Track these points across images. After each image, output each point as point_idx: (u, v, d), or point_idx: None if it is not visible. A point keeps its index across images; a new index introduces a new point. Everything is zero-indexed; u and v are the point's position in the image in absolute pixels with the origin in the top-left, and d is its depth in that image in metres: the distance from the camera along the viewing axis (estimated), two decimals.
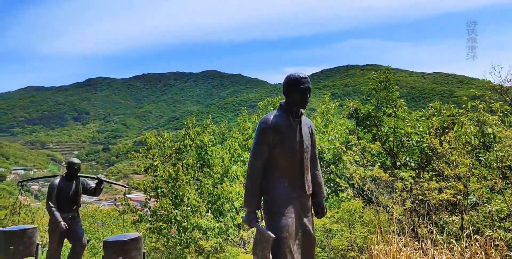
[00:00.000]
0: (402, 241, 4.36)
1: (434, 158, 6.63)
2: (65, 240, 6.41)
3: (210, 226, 7.70)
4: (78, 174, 6.50)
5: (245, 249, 8.06)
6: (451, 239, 4.26)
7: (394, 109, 7.49)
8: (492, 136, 6.27)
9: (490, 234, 4.20)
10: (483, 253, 3.78)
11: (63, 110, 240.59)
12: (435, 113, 7.70)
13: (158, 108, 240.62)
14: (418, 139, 7.23)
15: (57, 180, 6.29)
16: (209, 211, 8.69)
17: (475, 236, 4.08)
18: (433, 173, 6.21)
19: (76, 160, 6.60)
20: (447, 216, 5.59)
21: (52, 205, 6.05)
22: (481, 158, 6.40)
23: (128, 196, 7.51)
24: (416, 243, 4.25)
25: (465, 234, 4.30)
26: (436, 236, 4.32)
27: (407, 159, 7.40)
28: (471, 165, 5.48)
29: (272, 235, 3.28)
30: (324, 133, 10.78)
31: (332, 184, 7.34)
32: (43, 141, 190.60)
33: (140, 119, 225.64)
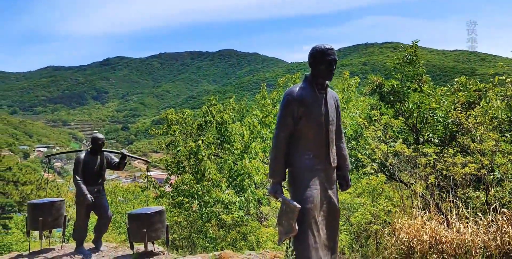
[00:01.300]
0: (426, 215, 4.34)
1: (458, 133, 6.52)
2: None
3: (231, 200, 7.81)
4: (102, 149, 6.61)
5: (264, 224, 8.18)
6: (478, 213, 4.22)
7: (420, 84, 7.32)
8: None
9: None
10: (510, 226, 3.73)
11: (83, 89, 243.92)
12: (460, 88, 7.52)
13: (175, 87, 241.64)
14: (443, 115, 7.10)
15: (82, 155, 6.41)
16: (230, 186, 8.80)
17: (502, 209, 4.03)
18: (457, 149, 6.11)
19: (100, 135, 6.69)
20: (471, 191, 5.53)
21: (78, 178, 6.19)
22: (506, 135, 6.26)
23: (148, 174, 7.62)
24: (441, 216, 4.23)
25: (491, 208, 4.26)
26: (461, 210, 4.29)
27: (430, 135, 7.29)
28: (497, 140, 5.37)
29: (298, 205, 3.30)
30: (345, 110, 10.67)
31: (353, 160, 7.31)
32: (64, 120, 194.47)
33: (157, 98, 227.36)
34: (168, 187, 9.81)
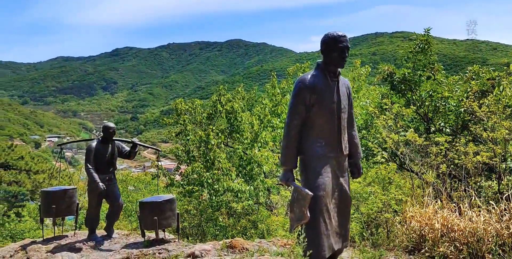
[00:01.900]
0: (437, 204, 4.32)
1: (471, 122, 6.45)
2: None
3: (241, 189, 7.84)
4: (113, 138, 6.66)
5: (274, 212, 8.22)
6: (490, 201, 4.19)
7: (432, 72, 7.23)
8: None
9: None
10: None
11: (92, 79, 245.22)
12: (473, 76, 7.41)
13: (183, 78, 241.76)
14: (455, 104, 7.02)
15: (94, 143, 6.46)
16: (239, 175, 8.82)
17: None
18: (469, 138, 6.06)
19: (111, 124, 6.73)
20: (483, 180, 5.49)
21: (90, 167, 6.24)
22: None
23: (158, 162, 7.66)
24: (453, 205, 4.21)
25: (503, 197, 4.23)
26: (473, 198, 4.26)
27: (441, 124, 7.23)
28: (510, 129, 5.31)
29: (310, 193, 3.30)
30: (355, 99, 10.60)
31: (363, 149, 7.28)
32: (74, 110, 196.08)
33: (166, 88, 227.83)
34: (179, 176, 9.88)
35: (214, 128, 9.59)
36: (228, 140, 10.29)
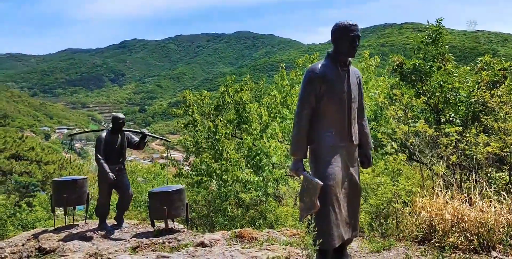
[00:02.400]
0: (448, 195, 4.30)
1: (482, 113, 6.38)
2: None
3: (249, 179, 7.87)
4: (123, 129, 6.70)
5: (283, 202, 8.25)
6: (501, 192, 4.17)
7: (443, 63, 7.15)
8: None
9: None
10: None
11: (100, 71, 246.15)
12: (484, 67, 7.32)
13: (191, 70, 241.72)
14: (466, 95, 6.95)
15: (104, 134, 6.51)
16: (248, 165, 8.85)
17: None
18: (480, 129, 6.00)
19: (121, 115, 6.78)
20: (493, 171, 5.45)
21: (100, 157, 6.29)
22: None
23: (165, 155, 7.71)
24: (463, 196, 4.19)
25: None
26: (484, 189, 4.23)
27: (452, 115, 7.16)
28: None
29: (320, 182, 3.30)
30: (364, 90, 10.49)
31: (373, 140, 7.23)
32: (83, 102, 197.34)
33: (174, 80, 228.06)
34: (188, 166, 9.94)
35: (222, 119, 9.61)
36: (236, 131, 10.30)
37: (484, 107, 6.30)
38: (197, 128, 9.38)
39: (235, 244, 4.90)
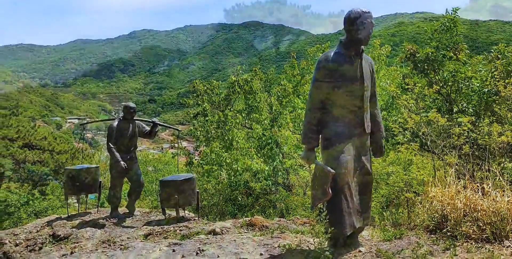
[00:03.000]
0: (460, 184, 4.27)
1: (495, 103, 6.30)
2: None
3: (259, 168, 7.89)
4: (134, 118, 6.74)
5: (294, 191, 8.26)
6: None
7: (456, 52, 7.04)
8: None
9: None
10: None
11: (110, 62, 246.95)
12: (498, 56, 7.19)
13: (200, 60, 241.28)
14: (478, 84, 6.85)
15: (115, 123, 6.55)
16: (258, 154, 8.87)
17: None
18: (493, 118, 5.93)
19: (132, 104, 6.82)
20: (507, 161, 5.39)
21: (112, 146, 6.35)
22: None
23: (175, 145, 7.76)
24: (476, 185, 4.15)
25: None
26: (497, 179, 4.19)
27: (464, 105, 7.08)
28: None
29: (332, 170, 3.30)
30: (375, 80, 10.40)
31: (384, 129, 7.19)
32: (93, 92, 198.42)
33: (183, 71, 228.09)
34: (198, 156, 9.99)
35: (232, 108, 9.61)
36: (246, 121, 10.30)
37: (497, 96, 6.21)
38: (207, 118, 9.40)
39: (246, 232, 4.93)
